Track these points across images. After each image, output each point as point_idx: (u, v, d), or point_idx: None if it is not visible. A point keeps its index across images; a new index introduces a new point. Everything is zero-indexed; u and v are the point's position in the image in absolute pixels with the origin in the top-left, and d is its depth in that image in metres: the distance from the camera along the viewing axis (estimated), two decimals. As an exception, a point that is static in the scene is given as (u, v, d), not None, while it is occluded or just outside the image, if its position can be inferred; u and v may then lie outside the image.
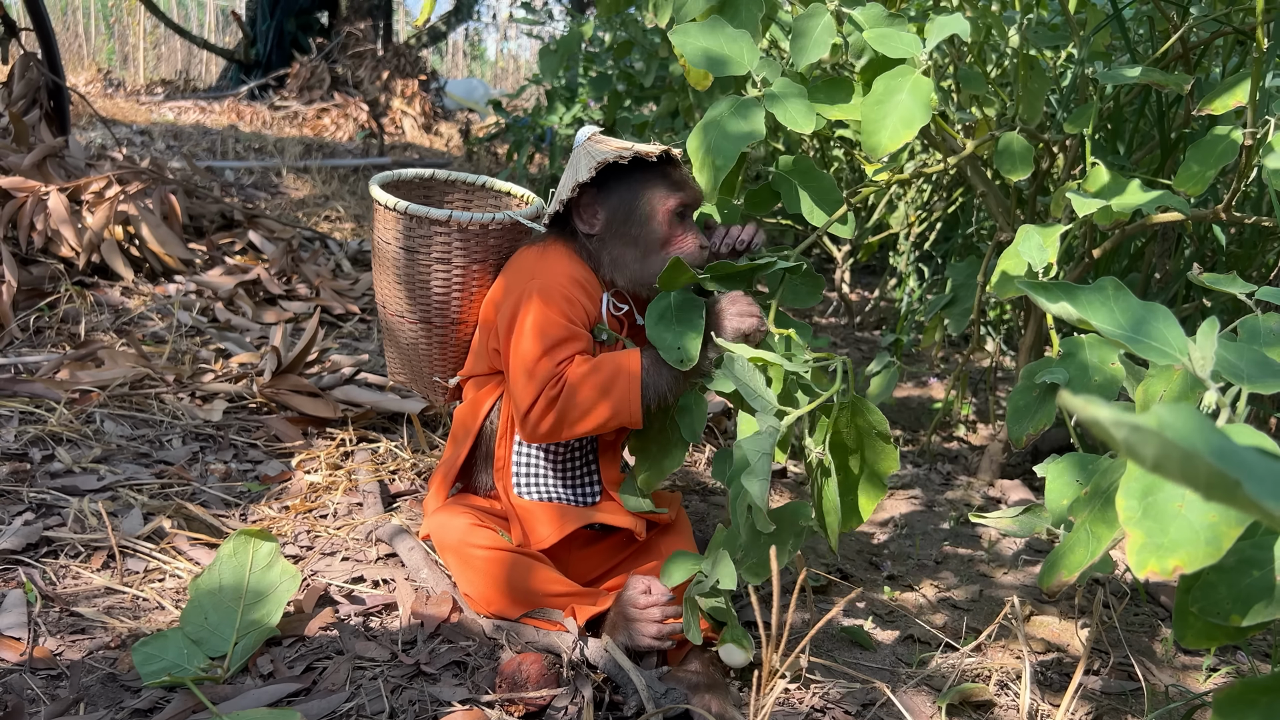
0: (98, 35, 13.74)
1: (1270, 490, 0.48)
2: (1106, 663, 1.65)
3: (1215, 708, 0.68)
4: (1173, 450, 0.46)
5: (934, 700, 1.49)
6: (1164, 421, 0.50)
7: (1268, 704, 0.66)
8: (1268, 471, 0.51)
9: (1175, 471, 0.47)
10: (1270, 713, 0.66)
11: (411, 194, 1.80)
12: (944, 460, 2.66)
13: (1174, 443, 0.46)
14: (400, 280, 1.67)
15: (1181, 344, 0.89)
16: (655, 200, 1.51)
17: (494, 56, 17.98)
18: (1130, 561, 0.78)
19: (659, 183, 1.52)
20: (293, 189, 5.44)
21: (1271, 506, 0.44)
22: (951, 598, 1.86)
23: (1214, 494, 0.46)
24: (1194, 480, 0.47)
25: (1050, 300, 0.92)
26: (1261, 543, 0.86)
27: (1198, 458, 0.44)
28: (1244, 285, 1.38)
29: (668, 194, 1.51)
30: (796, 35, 1.67)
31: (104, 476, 1.88)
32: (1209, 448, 0.49)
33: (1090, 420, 0.46)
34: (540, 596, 1.48)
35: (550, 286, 1.48)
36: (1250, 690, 0.66)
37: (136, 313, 2.81)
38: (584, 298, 1.50)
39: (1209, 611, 0.87)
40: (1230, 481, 0.44)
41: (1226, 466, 0.45)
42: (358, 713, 1.31)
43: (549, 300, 1.46)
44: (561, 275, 1.50)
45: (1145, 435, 0.45)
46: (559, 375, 1.42)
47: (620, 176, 1.53)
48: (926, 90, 1.57)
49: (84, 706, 1.29)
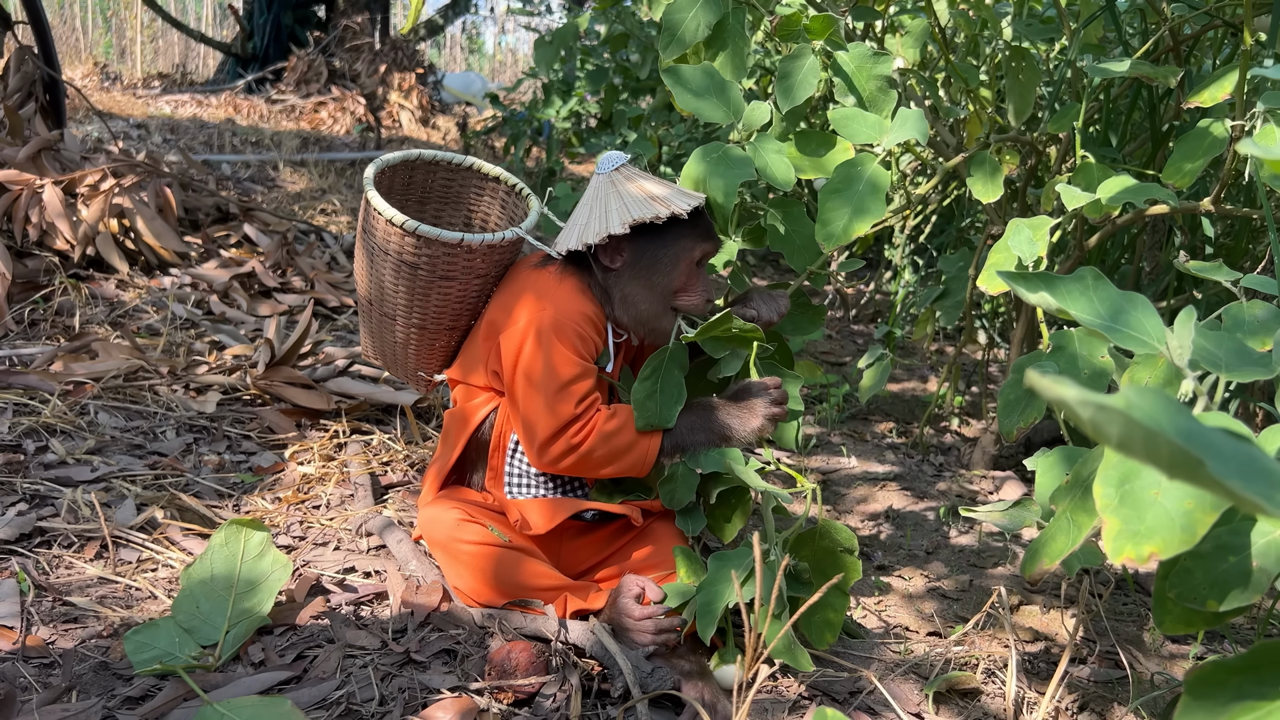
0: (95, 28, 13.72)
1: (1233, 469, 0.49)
2: (1094, 651, 1.66)
3: (1186, 688, 0.68)
4: (1137, 429, 0.47)
5: (921, 688, 1.50)
6: (1131, 402, 0.51)
7: (1237, 685, 0.66)
8: (1233, 452, 0.52)
9: (1140, 450, 0.48)
10: (1240, 693, 0.66)
11: (397, 178, 1.75)
12: (937, 452, 2.67)
13: (1138, 422, 0.47)
14: (397, 289, 1.61)
15: (1160, 333, 0.90)
16: (683, 250, 1.51)
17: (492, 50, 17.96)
18: (1106, 548, 0.79)
19: (690, 232, 1.51)
20: (289, 182, 5.44)
21: (1234, 485, 0.44)
22: (941, 588, 1.87)
23: (1178, 473, 0.46)
24: (1158, 459, 0.48)
25: (1030, 290, 0.93)
26: (1238, 529, 0.87)
27: (1161, 437, 0.44)
28: (1230, 273, 1.39)
29: (695, 244, 1.52)
30: (782, 76, 1.69)
31: (97, 467, 1.89)
32: (1175, 428, 0.50)
33: (1058, 400, 0.47)
34: (530, 590, 1.49)
35: (564, 322, 1.48)
36: (1221, 671, 0.67)
37: (131, 305, 2.82)
38: (594, 334, 1.52)
39: (1186, 597, 0.88)
40: (1194, 460, 0.44)
41: (1190, 446, 0.46)
42: (348, 700, 1.32)
43: (563, 336, 1.47)
44: (575, 310, 1.50)
45: (1110, 414, 0.46)
46: (584, 423, 1.47)
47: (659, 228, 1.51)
48: (884, 182, 1.60)
49: (76, 694, 1.30)
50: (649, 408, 1.50)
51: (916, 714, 1.45)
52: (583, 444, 1.46)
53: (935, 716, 1.45)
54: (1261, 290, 1.33)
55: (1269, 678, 0.65)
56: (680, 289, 1.53)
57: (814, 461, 2.50)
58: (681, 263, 1.51)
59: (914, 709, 1.45)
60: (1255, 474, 0.50)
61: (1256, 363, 0.93)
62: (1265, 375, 0.91)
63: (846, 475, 2.44)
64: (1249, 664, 0.66)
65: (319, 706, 1.31)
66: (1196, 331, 1.00)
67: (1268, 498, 0.49)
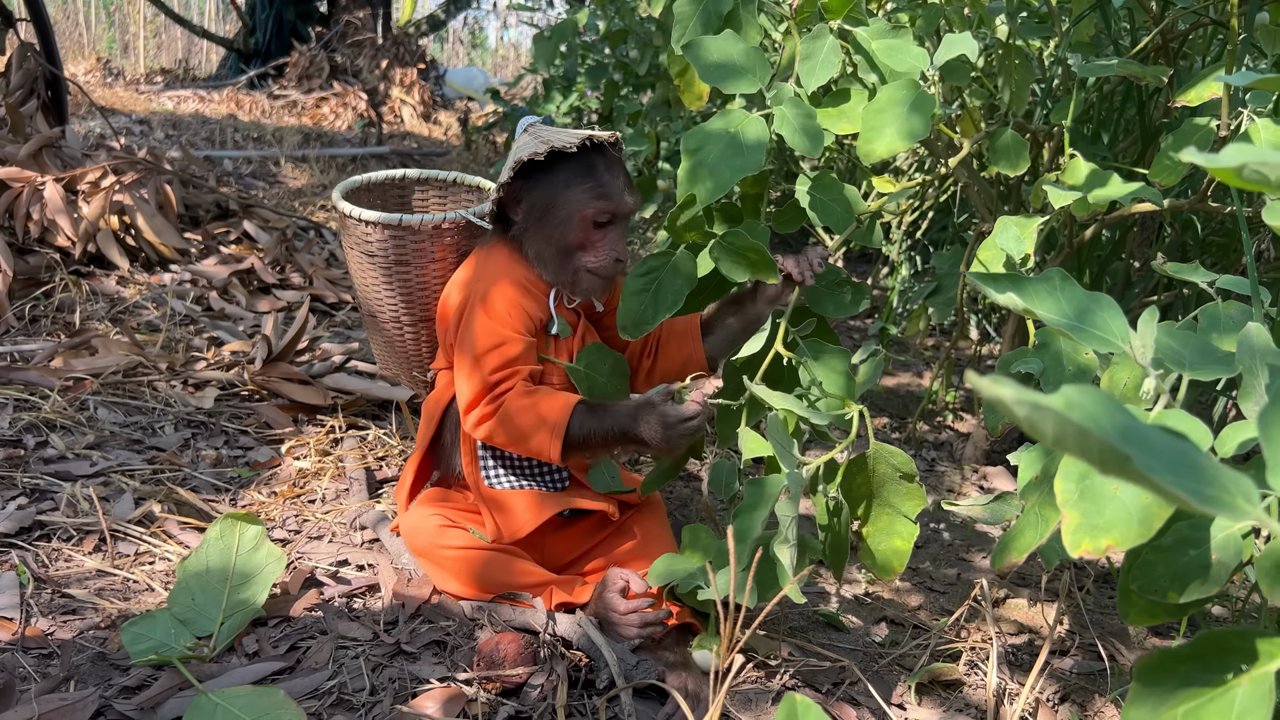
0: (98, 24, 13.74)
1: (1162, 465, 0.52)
2: (1077, 643, 1.68)
3: (1136, 677, 0.71)
4: (1069, 427, 0.49)
5: (905, 680, 1.52)
6: (1070, 401, 0.53)
7: (1184, 672, 0.69)
8: (1165, 449, 0.54)
9: (1074, 447, 0.51)
10: (1186, 680, 0.69)
11: (387, 195, 1.86)
12: (930, 447, 2.70)
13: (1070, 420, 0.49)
14: (366, 281, 1.73)
15: (1124, 332, 0.92)
16: (573, 205, 1.46)
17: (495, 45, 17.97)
18: (1066, 542, 0.82)
19: (581, 186, 1.46)
20: (291, 178, 5.46)
21: (1159, 479, 0.47)
22: (928, 581, 1.90)
23: (1108, 469, 0.49)
24: (1089, 455, 0.51)
25: (998, 290, 0.95)
26: (1198, 523, 0.89)
27: (1091, 434, 0.47)
28: (1206, 274, 1.41)
29: (587, 202, 1.47)
30: (804, 58, 1.67)
31: (96, 462, 1.92)
32: (1112, 426, 0.53)
33: (995, 399, 0.49)
34: (516, 588, 1.52)
35: (491, 292, 1.50)
36: (1169, 660, 0.70)
37: (131, 302, 2.85)
38: (525, 300, 1.50)
39: (1148, 589, 0.90)
40: (1121, 456, 0.47)
41: (1122, 443, 0.49)
42: (339, 690, 1.35)
43: (489, 307, 1.49)
44: (502, 279, 1.50)
45: (1044, 413, 0.48)
46: (498, 393, 1.46)
47: (544, 170, 1.49)
48: (930, 105, 1.56)
49: (74, 684, 1.33)
50: (633, 306, 1.45)
51: (899, 705, 1.47)
52: (491, 416, 1.45)
53: (918, 707, 1.47)
54: (1236, 291, 1.35)
55: (1214, 665, 0.67)
56: (579, 246, 1.49)
57: (807, 456, 2.52)
58: (575, 220, 1.46)
59: (897, 700, 1.48)
60: (1184, 470, 0.52)
61: (1220, 361, 0.96)
62: (1227, 373, 0.93)
63: (839, 470, 2.46)
64: (1195, 652, 0.68)
65: (311, 696, 1.34)
66: (1164, 331, 1.02)
67: (1193, 492, 0.51)
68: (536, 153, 1.42)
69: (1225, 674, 0.66)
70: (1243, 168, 0.63)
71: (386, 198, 1.87)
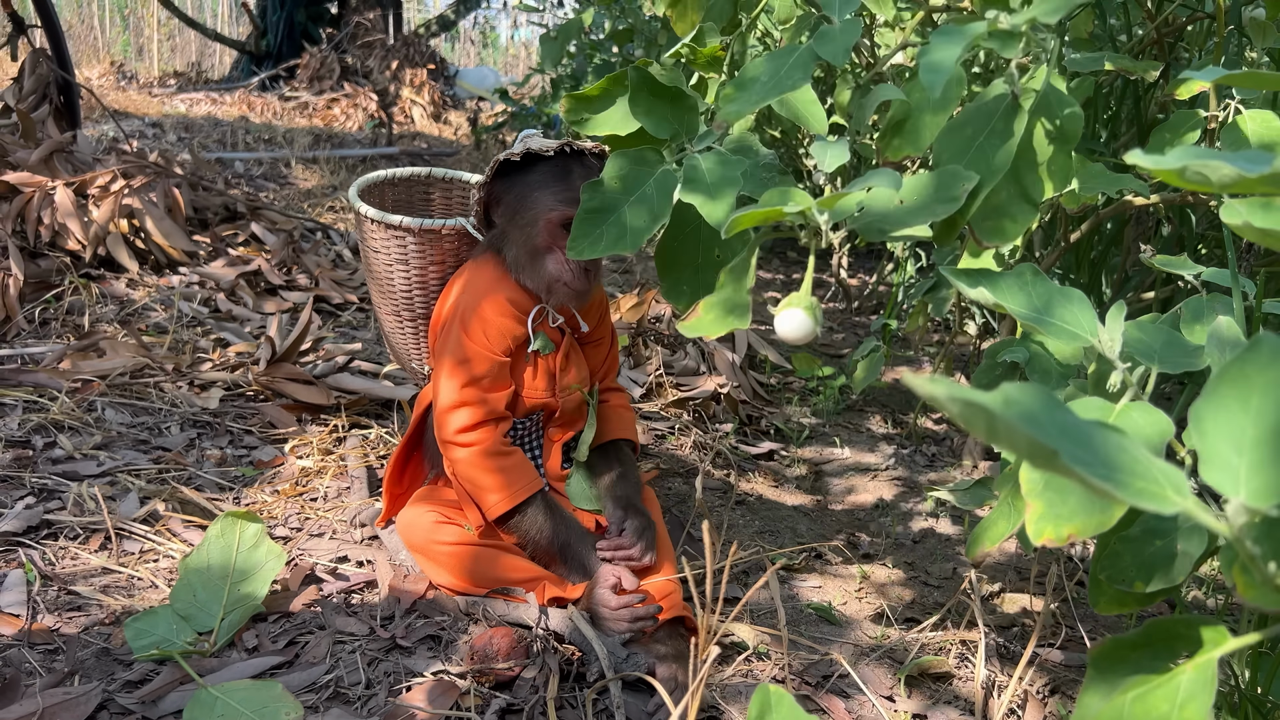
0: (113, 27, 13.85)
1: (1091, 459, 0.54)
2: (1068, 636, 1.70)
3: (1090, 664, 0.73)
4: (999, 423, 0.51)
5: (894, 672, 1.54)
6: (1008, 398, 0.55)
7: (1135, 659, 0.71)
8: (1100, 444, 0.56)
9: (1005, 441, 0.53)
10: (1137, 667, 0.71)
11: (412, 192, 1.92)
12: (930, 442, 2.71)
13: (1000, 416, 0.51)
14: (371, 277, 1.78)
15: (1092, 327, 0.94)
16: (539, 208, 1.47)
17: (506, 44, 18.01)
18: (1030, 530, 0.83)
19: (550, 189, 1.46)
20: (301, 179, 5.51)
21: (1082, 471, 0.49)
22: (923, 575, 1.91)
23: (1037, 461, 0.51)
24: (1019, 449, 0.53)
25: (969, 285, 0.97)
26: (1164, 515, 0.90)
27: (1017, 430, 0.49)
28: (1193, 267, 1.42)
29: (553, 205, 1.46)
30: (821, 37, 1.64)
31: (103, 462, 1.95)
32: (1050, 421, 0.55)
33: (929, 398, 0.51)
34: (508, 583, 1.54)
35: (470, 310, 1.54)
36: (1120, 647, 0.71)
37: (140, 304, 2.89)
38: (504, 319, 1.53)
39: (1115, 579, 0.92)
40: (1048, 451, 0.49)
41: (1057, 439, 0.51)
42: (335, 684, 1.37)
43: (466, 325, 1.54)
44: (483, 298, 1.54)
45: (975, 410, 0.50)
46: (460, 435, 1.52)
47: (520, 172, 1.50)
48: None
49: (78, 678, 1.36)
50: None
51: (889, 697, 1.49)
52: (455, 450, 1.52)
53: (907, 700, 1.49)
54: (1220, 284, 1.36)
55: (1161, 652, 0.69)
56: (547, 250, 1.49)
57: (806, 453, 2.54)
58: (540, 223, 1.47)
59: (886, 692, 1.50)
60: (1115, 464, 0.54)
61: (1189, 354, 0.97)
62: (1194, 367, 0.94)
63: (839, 465, 2.48)
64: (1144, 640, 0.70)
65: (309, 690, 1.37)
66: (1136, 326, 1.03)
67: (1121, 485, 0.53)
68: (513, 154, 1.45)
69: (1172, 661, 0.68)
70: (1184, 169, 0.64)
71: (411, 195, 1.93)
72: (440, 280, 1.72)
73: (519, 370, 1.58)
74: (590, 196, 1.03)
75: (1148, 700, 0.67)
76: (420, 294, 1.73)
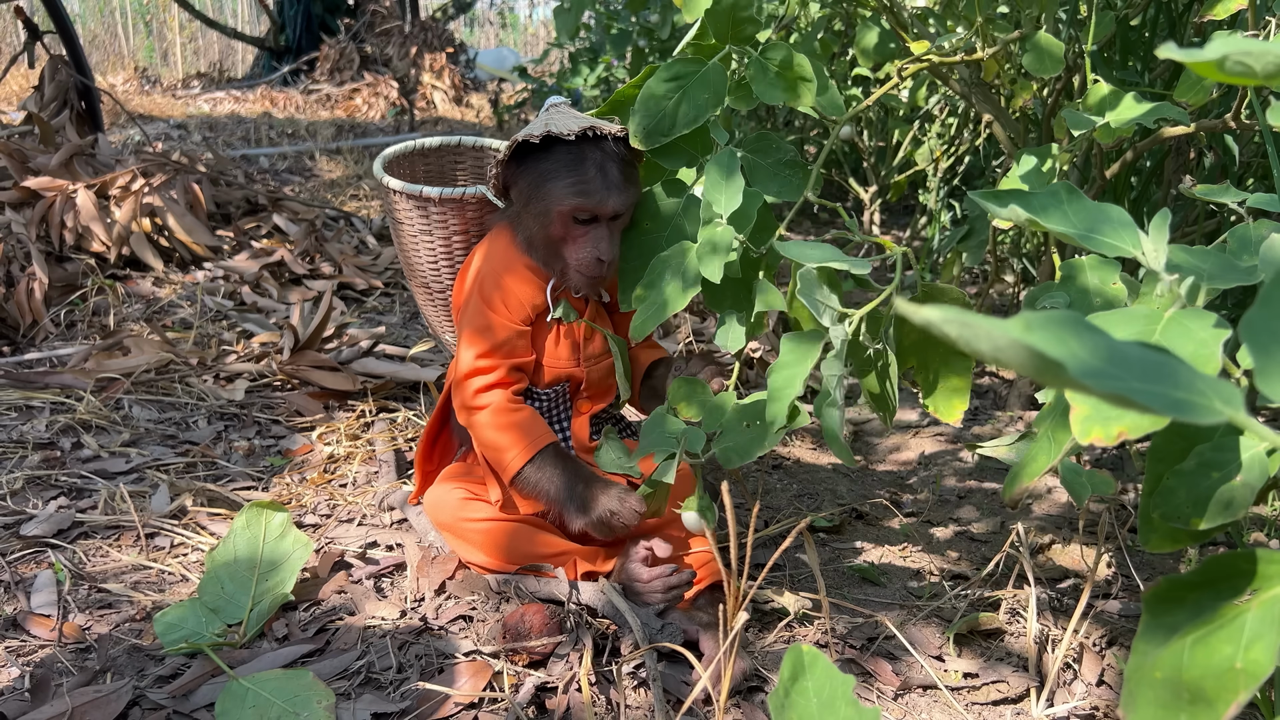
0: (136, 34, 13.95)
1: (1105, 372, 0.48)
2: (1123, 586, 1.63)
3: (1145, 607, 0.67)
4: (1002, 340, 0.46)
5: (943, 631, 1.48)
6: (1029, 323, 0.50)
7: (1194, 600, 0.65)
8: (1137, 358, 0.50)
9: (1012, 361, 0.47)
10: (1197, 608, 0.65)
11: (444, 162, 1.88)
12: (974, 395, 2.63)
13: (997, 334, 0.46)
14: (400, 250, 1.75)
15: (1135, 240, 0.87)
16: (552, 198, 1.41)
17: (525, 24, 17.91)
18: (1075, 430, 0.77)
19: (563, 179, 1.39)
20: (326, 171, 5.50)
21: (1089, 383, 0.43)
22: (970, 531, 1.85)
23: (1045, 378, 0.45)
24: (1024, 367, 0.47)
25: (1000, 205, 0.91)
26: (1221, 444, 0.84)
27: (1020, 345, 0.43)
28: (1236, 194, 1.34)
29: (564, 197, 1.40)
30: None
31: (132, 459, 1.94)
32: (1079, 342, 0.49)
33: (925, 323, 0.46)
34: (539, 558, 1.50)
35: (488, 279, 1.51)
36: (1177, 588, 0.65)
37: (166, 301, 2.88)
38: (522, 287, 1.50)
39: (1170, 516, 0.85)
40: (1053, 364, 0.43)
41: (1058, 350, 0.45)
42: (367, 670, 1.35)
43: (483, 291, 1.51)
44: (501, 267, 1.51)
45: (975, 329, 0.45)
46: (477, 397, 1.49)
47: (537, 155, 1.43)
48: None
49: (110, 676, 1.35)
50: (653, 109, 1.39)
51: (937, 657, 1.44)
52: (474, 413, 1.50)
53: (957, 659, 1.43)
54: (1269, 209, 1.28)
55: (1223, 591, 0.63)
56: (561, 240, 1.44)
57: (847, 412, 2.48)
58: (553, 213, 1.41)
59: (934, 652, 1.44)
60: (1156, 377, 0.48)
61: (1240, 271, 0.90)
62: (1247, 281, 0.87)
63: (879, 425, 2.42)
64: (1203, 579, 0.64)
65: (340, 677, 1.34)
66: (1183, 249, 0.96)
67: (1157, 396, 0.47)
68: (532, 135, 1.39)
69: (1234, 599, 0.62)
70: (1224, 59, 0.58)
71: (442, 165, 1.89)
72: (465, 250, 1.68)
73: (540, 339, 1.54)
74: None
75: (1209, 643, 0.61)
76: (446, 265, 1.71)
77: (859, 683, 1.37)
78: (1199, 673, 0.59)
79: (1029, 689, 1.36)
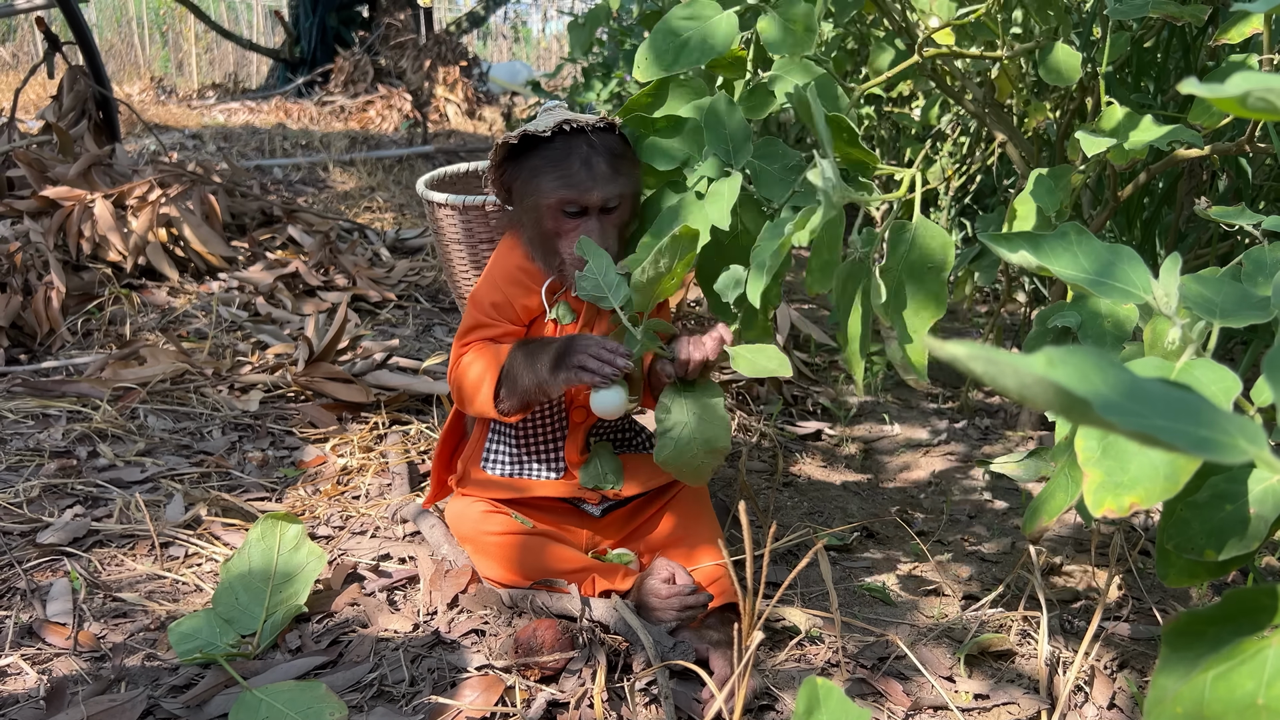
0: (152, 45, 14.05)
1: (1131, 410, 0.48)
2: (1136, 609, 1.63)
3: (1164, 641, 0.67)
4: (1028, 378, 0.46)
5: (954, 652, 1.48)
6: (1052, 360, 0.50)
7: (1214, 634, 0.65)
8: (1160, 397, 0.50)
9: (1039, 399, 0.48)
10: (1217, 643, 0.65)
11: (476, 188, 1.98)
12: (984, 414, 2.63)
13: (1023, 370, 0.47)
14: (444, 259, 1.87)
15: (1146, 283, 0.88)
16: (539, 193, 1.43)
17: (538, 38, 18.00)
18: (1088, 501, 0.78)
19: (548, 174, 1.42)
20: (339, 182, 5.53)
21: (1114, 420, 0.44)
22: (981, 551, 1.85)
23: (1070, 415, 0.46)
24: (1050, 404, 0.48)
25: (1010, 250, 0.91)
26: (1235, 476, 0.85)
27: (1046, 382, 0.44)
28: (1251, 216, 1.34)
29: (550, 190, 1.42)
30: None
31: (147, 469, 1.95)
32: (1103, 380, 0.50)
33: (950, 359, 0.47)
34: (557, 574, 1.51)
35: (484, 283, 1.56)
36: (1197, 622, 0.66)
37: (181, 311, 2.90)
38: (515, 289, 1.52)
39: (1184, 548, 0.86)
40: (1079, 402, 0.44)
41: (1084, 388, 0.46)
42: (379, 682, 1.35)
43: (482, 294, 1.55)
44: (499, 270, 1.54)
45: (1000, 366, 0.45)
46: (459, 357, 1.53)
47: (524, 155, 1.45)
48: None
49: (124, 685, 1.36)
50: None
51: (948, 678, 1.44)
52: (451, 373, 1.54)
53: (968, 680, 1.43)
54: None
55: (1244, 625, 0.64)
56: (555, 234, 1.45)
57: (858, 430, 2.48)
58: (542, 208, 1.43)
59: (945, 672, 1.44)
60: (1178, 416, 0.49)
61: (1255, 307, 0.91)
62: (1261, 318, 0.88)
63: (890, 443, 2.42)
64: (1223, 613, 0.64)
65: (353, 689, 1.35)
66: (1196, 279, 0.97)
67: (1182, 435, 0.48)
68: (509, 137, 1.42)
69: (1254, 634, 0.63)
70: (1246, 96, 0.58)
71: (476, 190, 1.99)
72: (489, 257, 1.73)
73: None
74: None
75: (1230, 678, 0.61)
76: (475, 272, 1.80)
77: (869, 703, 1.38)
78: (1220, 708, 0.59)
79: (1040, 711, 1.36)
